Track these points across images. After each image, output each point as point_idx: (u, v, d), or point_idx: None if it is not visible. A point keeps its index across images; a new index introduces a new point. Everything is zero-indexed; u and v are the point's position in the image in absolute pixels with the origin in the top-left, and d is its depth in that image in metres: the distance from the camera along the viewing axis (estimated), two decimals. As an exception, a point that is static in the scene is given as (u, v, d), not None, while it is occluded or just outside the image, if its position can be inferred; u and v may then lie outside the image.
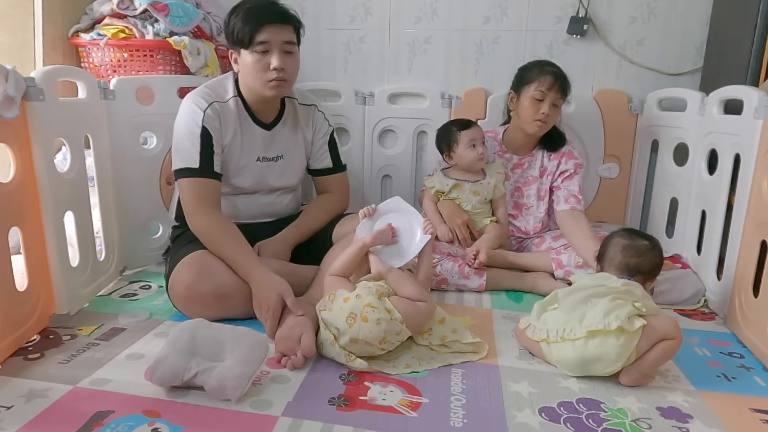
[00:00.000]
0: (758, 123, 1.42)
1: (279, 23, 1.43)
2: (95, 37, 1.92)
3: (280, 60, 1.44)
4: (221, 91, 1.55)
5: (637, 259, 1.33)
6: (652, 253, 1.34)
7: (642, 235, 1.39)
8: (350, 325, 1.20)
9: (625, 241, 1.36)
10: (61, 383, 1.14)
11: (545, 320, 1.29)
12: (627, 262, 1.33)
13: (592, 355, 1.18)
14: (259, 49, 1.43)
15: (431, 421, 1.06)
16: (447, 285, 1.72)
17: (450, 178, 1.89)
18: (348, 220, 1.67)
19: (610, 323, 1.16)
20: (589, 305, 1.23)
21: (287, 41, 1.45)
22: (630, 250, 1.34)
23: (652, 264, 1.34)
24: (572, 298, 1.27)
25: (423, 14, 2.25)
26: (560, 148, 1.91)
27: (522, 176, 1.96)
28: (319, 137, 1.71)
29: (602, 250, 1.42)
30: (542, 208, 1.94)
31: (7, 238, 1.23)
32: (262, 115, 1.60)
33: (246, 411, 1.06)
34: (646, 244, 1.36)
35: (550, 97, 1.76)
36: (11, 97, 1.21)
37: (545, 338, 1.25)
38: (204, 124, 1.47)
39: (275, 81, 1.46)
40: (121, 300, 1.60)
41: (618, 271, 1.33)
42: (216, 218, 1.46)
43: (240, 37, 1.43)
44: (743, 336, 1.42)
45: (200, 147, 1.47)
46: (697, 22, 2.09)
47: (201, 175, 1.47)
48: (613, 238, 1.41)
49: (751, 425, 1.09)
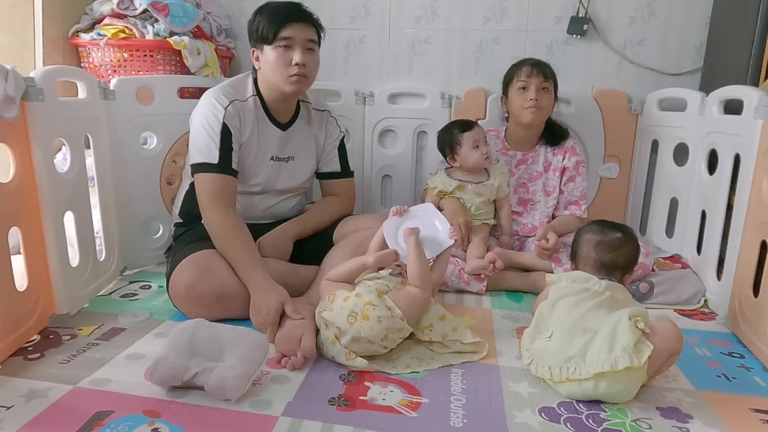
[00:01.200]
0: (758, 123, 1.42)
1: (303, 21, 1.48)
2: (95, 37, 1.93)
3: (303, 56, 1.47)
4: (241, 90, 1.57)
5: (612, 254, 1.27)
6: (626, 246, 1.29)
7: (613, 227, 1.33)
8: (351, 324, 1.20)
9: (596, 237, 1.30)
10: (61, 383, 1.14)
11: (542, 354, 1.18)
12: (601, 260, 1.28)
13: (603, 395, 1.11)
14: (282, 44, 1.47)
15: (431, 421, 1.06)
16: (446, 287, 1.72)
17: (453, 178, 1.89)
18: (349, 220, 1.67)
19: (617, 362, 1.06)
20: (587, 333, 1.13)
21: (310, 39, 1.50)
22: (603, 246, 1.28)
23: (627, 257, 1.29)
24: (561, 317, 1.19)
25: (423, 14, 2.25)
26: (562, 143, 1.93)
27: (526, 172, 1.97)
28: (330, 141, 1.74)
29: (574, 248, 1.36)
30: (550, 203, 1.94)
31: (7, 238, 1.23)
32: (279, 115, 1.62)
33: (246, 411, 1.06)
34: (618, 237, 1.29)
35: (534, 83, 1.81)
36: (11, 97, 1.21)
37: (549, 377, 1.15)
38: (225, 121, 1.49)
39: (296, 76, 1.49)
40: (121, 300, 1.60)
41: (594, 270, 1.28)
42: (230, 217, 1.46)
43: (264, 33, 1.47)
44: (743, 336, 1.42)
45: (220, 143, 1.47)
46: (697, 22, 2.09)
47: (219, 171, 1.47)
48: (583, 234, 1.34)
49: (751, 425, 1.09)
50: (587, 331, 1.14)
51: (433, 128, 2.25)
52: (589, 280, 1.24)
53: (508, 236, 1.92)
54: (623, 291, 1.26)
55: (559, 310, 1.22)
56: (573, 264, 1.37)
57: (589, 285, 1.23)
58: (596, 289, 1.22)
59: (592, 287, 1.22)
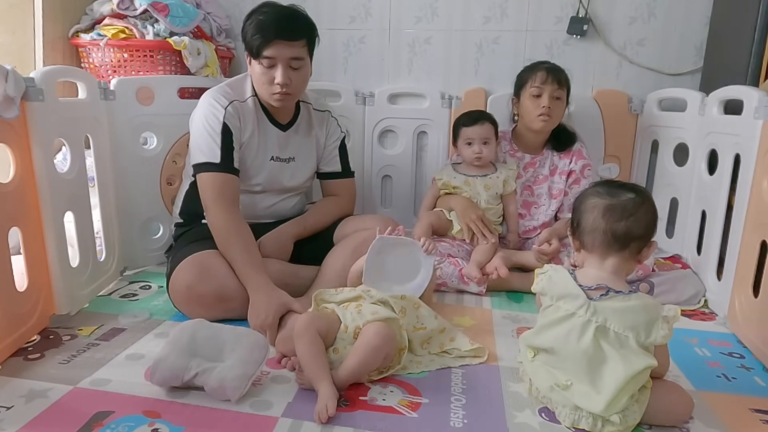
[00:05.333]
0: (758, 123, 1.42)
1: (288, 40, 1.43)
2: (95, 37, 1.92)
3: (285, 76, 1.45)
4: (240, 90, 1.57)
5: (626, 222, 1.03)
6: (642, 208, 1.05)
7: (623, 186, 1.09)
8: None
9: (604, 201, 1.06)
10: (61, 383, 1.14)
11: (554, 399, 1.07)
12: (613, 230, 1.03)
13: None
14: (265, 63, 1.45)
15: (431, 421, 1.06)
16: (446, 288, 1.72)
17: (459, 173, 1.90)
18: (350, 221, 1.67)
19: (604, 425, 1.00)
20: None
21: (294, 57, 1.46)
22: (614, 211, 1.04)
23: (645, 223, 1.05)
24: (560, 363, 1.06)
25: (423, 14, 2.25)
26: (569, 147, 1.93)
27: (533, 175, 1.97)
28: (331, 141, 1.74)
29: (576, 218, 1.11)
30: (554, 206, 1.94)
31: (7, 238, 1.23)
32: (279, 116, 1.62)
33: (246, 411, 1.06)
34: (631, 198, 1.05)
35: (548, 90, 1.79)
36: (11, 98, 1.21)
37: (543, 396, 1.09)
38: (225, 121, 1.49)
39: (278, 95, 1.48)
40: (121, 300, 1.60)
41: (604, 246, 1.06)
42: (233, 216, 1.46)
43: (249, 46, 1.46)
44: (743, 336, 1.42)
45: (221, 143, 1.47)
46: (697, 22, 2.09)
47: (222, 170, 1.47)
48: (586, 199, 1.09)
49: (751, 425, 1.09)
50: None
51: (433, 128, 2.25)
52: (576, 299, 1.05)
53: (514, 234, 1.92)
54: (616, 312, 1.02)
55: (555, 348, 1.07)
56: (575, 242, 1.13)
57: (575, 308, 1.05)
58: (583, 320, 1.03)
59: (578, 312, 1.04)
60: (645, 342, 1.01)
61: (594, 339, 1.02)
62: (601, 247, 1.07)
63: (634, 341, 1.01)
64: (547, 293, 1.11)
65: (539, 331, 1.12)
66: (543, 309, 1.13)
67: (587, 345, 1.02)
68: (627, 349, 1.01)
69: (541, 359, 1.12)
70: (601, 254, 1.08)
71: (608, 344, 1.02)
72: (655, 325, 1.01)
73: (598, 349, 1.02)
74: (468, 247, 1.84)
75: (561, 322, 1.06)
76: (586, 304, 1.04)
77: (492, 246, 1.79)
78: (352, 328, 1.19)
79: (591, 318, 1.02)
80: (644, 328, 1.01)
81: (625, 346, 1.01)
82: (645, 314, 1.02)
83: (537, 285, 1.15)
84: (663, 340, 1.01)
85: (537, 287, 1.15)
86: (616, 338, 1.02)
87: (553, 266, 1.16)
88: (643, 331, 1.01)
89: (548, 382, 1.08)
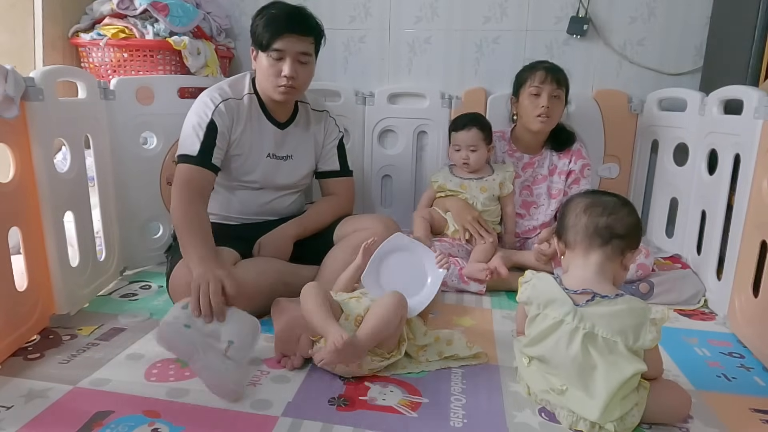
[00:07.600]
0: (758, 123, 1.42)
1: (298, 34, 1.47)
2: (95, 37, 1.92)
3: (292, 69, 1.47)
4: (238, 88, 1.59)
5: (607, 218, 1.06)
6: (623, 210, 1.08)
7: (607, 193, 1.15)
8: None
9: (586, 200, 1.11)
10: (61, 383, 1.14)
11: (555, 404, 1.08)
12: (596, 224, 1.06)
13: None
14: (274, 56, 1.47)
15: (431, 421, 1.06)
16: (446, 287, 1.72)
17: (455, 175, 1.90)
18: (349, 221, 1.67)
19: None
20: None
21: (303, 52, 1.49)
22: (595, 208, 1.08)
23: (626, 224, 1.07)
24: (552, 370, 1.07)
25: (423, 14, 2.25)
26: (568, 147, 1.93)
27: (532, 175, 1.97)
28: (329, 140, 1.74)
29: (560, 221, 1.15)
30: (554, 206, 1.95)
31: (7, 238, 1.23)
32: (277, 114, 1.63)
33: (246, 411, 1.06)
34: (613, 199, 1.10)
35: (547, 90, 1.79)
36: (10, 97, 1.21)
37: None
38: (212, 117, 1.50)
39: (284, 87, 1.49)
40: (121, 300, 1.60)
41: (587, 243, 1.07)
42: (194, 206, 1.42)
43: (259, 39, 1.48)
44: (743, 336, 1.42)
45: (203, 137, 1.49)
46: (697, 22, 2.09)
47: (196, 163, 1.48)
48: (570, 202, 1.15)
49: (751, 425, 1.09)
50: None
51: (433, 128, 2.25)
52: (563, 305, 1.05)
53: (511, 235, 1.92)
54: (603, 318, 1.01)
55: (548, 356, 1.07)
56: (560, 244, 1.15)
57: (562, 315, 1.04)
58: (570, 328, 1.03)
59: (566, 319, 1.04)
60: (634, 346, 1.01)
61: (582, 346, 1.01)
62: (583, 243, 1.09)
63: (623, 346, 1.01)
64: (533, 301, 1.10)
65: (530, 343, 1.11)
66: (530, 319, 1.12)
67: (576, 352, 1.02)
68: (616, 354, 1.01)
69: (536, 365, 1.12)
70: (584, 250, 1.09)
71: (597, 351, 1.01)
72: (644, 329, 1.01)
73: (588, 356, 1.02)
74: (468, 247, 1.84)
75: (550, 332, 1.06)
76: (572, 310, 1.03)
77: (491, 245, 1.79)
78: (353, 315, 1.20)
79: (578, 325, 1.02)
80: (632, 331, 1.01)
81: (614, 352, 1.01)
82: (632, 318, 1.02)
83: (522, 294, 1.14)
84: (651, 343, 1.01)
85: (522, 296, 1.14)
86: (604, 344, 1.01)
87: (535, 273, 1.15)
88: (632, 335, 1.01)
89: (544, 386, 1.09)
